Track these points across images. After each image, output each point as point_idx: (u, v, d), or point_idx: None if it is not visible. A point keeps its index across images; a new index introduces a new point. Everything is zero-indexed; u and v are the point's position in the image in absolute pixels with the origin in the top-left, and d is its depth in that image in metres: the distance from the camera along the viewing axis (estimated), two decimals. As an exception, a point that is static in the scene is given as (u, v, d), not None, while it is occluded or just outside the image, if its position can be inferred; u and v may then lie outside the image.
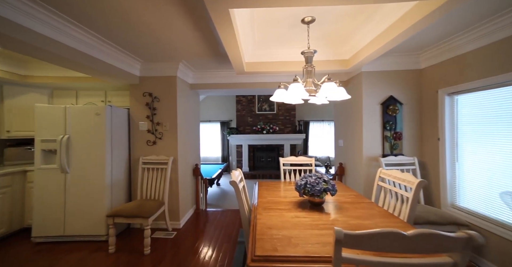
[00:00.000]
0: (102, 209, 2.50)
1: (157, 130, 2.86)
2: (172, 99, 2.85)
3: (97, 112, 2.49)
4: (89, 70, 2.33)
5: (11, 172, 2.62)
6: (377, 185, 1.88)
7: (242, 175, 2.10)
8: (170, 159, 2.77)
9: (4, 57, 2.59)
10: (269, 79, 3.21)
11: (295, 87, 1.62)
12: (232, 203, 4.30)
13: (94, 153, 2.50)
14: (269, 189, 2.27)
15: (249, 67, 2.51)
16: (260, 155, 7.06)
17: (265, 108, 6.97)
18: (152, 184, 2.74)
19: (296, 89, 1.62)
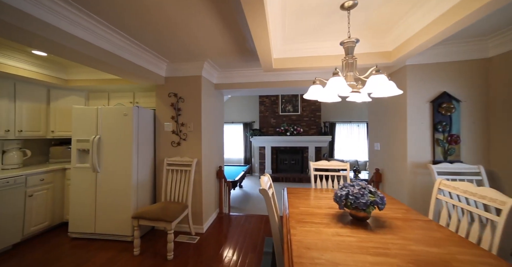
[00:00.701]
0: (128, 209, 2.46)
1: (181, 131, 2.78)
2: (196, 99, 2.75)
3: (125, 113, 2.48)
4: (119, 71, 2.31)
5: (53, 170, 2.74)
6: (435, 199, 1.54)
7: (271, 181, 1.89)
8: (194, 161, 2.66)
9: (50, 63, 2.72)
10: (297, 77, 2.97)
11: (336, 81, 1.37)
12: (255, 207, 4.10)
13: (122, 153, 2.48)
14: (300, 197, 2.03)
15: (277, 64, 2.30)
16: (283, 157, 6.79)
17: (288, 109, 6.70)
18: (176, 186, 2.65)
19: (337, 84, 1.36)
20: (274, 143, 6.64)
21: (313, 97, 1.75)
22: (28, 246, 2.45)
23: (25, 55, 2.51)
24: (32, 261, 2.16)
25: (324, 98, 1.76)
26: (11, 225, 2.35)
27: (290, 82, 3.01)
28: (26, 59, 2.54)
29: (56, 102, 3.05)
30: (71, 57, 1.93)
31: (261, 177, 1.74)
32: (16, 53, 2.44)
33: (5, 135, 2.59)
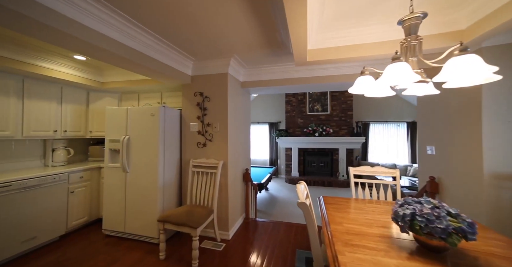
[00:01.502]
0: (154, 211, 2.38)
1: (207, 131, 2.63)
2: (222, 98, 2.58)
3: (152, 113, 2.40)
4: (147, 71, 2.23)
5: (90, 168, 2.81)
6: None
7: (307, 189, 1.60)
8: (220, 163, 2.48)
9: (88, 67, 2.80)
10: (331, 71, 2.61)
11: (399, 68, 1.03)
12: (281, 211, 3.81)
13: (149, 153, 2.41)
14: (340, 208, 1.69)
15: (312, 56, 1.99)
16: (311, 159, 6.36)
17: (317, 108, 6.25)
18: (202, 189, 2.50)
19: (400, 72, 1.02)
20: (301, 144, 6.25)
21: (360, 90, 1.42)
22: (71, 239, 2.54)
23: (68, 60, 2.60)
24: (72, 255, 2.22)
25: (373, 92, 1.42)
26: (59, 218, 2.47)
27: (323, 78, 2.66)
28: (69, 64, 2.63)
29: (94, 104, 3.15)
30: (102, 58, 1.88)
31: (297, 185, 1.46)
32: (61, 59, 2.53)
33: (54, 134, 2.73)
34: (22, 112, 2.46)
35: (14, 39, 2.14)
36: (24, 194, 2.18)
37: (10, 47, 2.16)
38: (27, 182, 2.21)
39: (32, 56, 2.33)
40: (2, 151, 2.52)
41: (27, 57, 2.30)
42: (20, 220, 2.15)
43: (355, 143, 5.78)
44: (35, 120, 2.56)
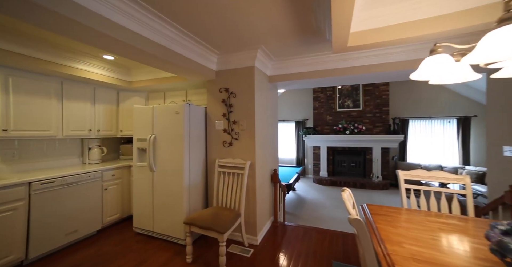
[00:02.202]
0: (181, 212, 2.28)
1: (233, 130, 2.45)
2: (249, 93, 2.36)
3: (176, 111, 2.30)
4: (171, 66, 2.12)
5: (121, 166, 2.84)
6: None
7: (353, 198, 1.30)
8: (247, 164, 2.28)
9: (117, 67, 2.83)
10: (373, 60, 2.23)
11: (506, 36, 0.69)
12: (310, 214, 3.50)
13: (174, 152, 2.32)
14: (392, 221, 1.36)
15: (355, 40, 1.66)
16: (341, 158, 5.87)
17: (347, 104, 5.72)
18: (228, 190, 2.34)
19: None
20: (331, 143, 5.79)
21: (427, 74, 1.08)
22: (106, 234, 2.60)
23: (99, 61, 2.64)
24: (107, 250, 2.25)
25: (446, 76, 1.06)
26: (95, 214, 2.54)
27: (363, 68, 2.29)
28: (100, 64, 2.67)
29: (123, 104, 3.20)
30: (128, 54, 1.79)
31: (342, 193, 1.18)
32: (92, 59, 2.57)
33: (89, 134, 2.81)
34: (62, 113, 2.55)
35: (53, 42, 2.19)
36: (65, 190, 2.26)
37: (49, 50, 2.23)
38: (67, 179, 2.28)
39: (68, 58, 2.38)
40: (48, 149, 2.66)
41: (64, 60, 2.36)
42: (64, 214, 2.24)
43: (392, 142, 5.15)
44: (73, 120, 2.65)
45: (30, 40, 2.08)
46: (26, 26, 1.90)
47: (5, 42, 1.96)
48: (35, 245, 2.03)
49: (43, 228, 2.09)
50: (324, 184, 5.59)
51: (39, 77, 2.37)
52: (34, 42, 2.11)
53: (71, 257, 2.13)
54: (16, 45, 2.02)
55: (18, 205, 1.95)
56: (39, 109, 2.36)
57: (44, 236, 2.10)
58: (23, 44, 2.06)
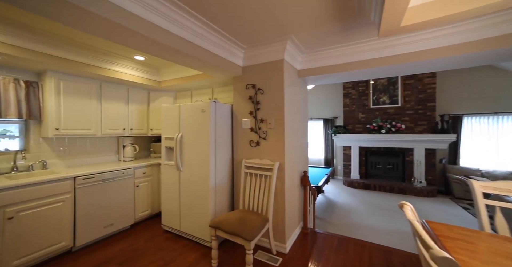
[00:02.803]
0: (206, 213, 2.18)
1: (260, 128, 2.26)
2: (278, 90, 2.15)
3: (202, 109, 2.20)
4: (196, 62, 2.01)
5: (151, 164, 2.88)
6: None
7: (415, 212, 1.01)
8: (275, 165, 2.08)
9: (147, 67, 2.87)
10: (426, 44, 1.84)
11: None
12: (343, 220, 3.15)
13: (200, 152, 2.23)
14: (475, 251, 1.03)
15: (411, 17, 1.33)
16: (375, 159, 5.30)
17: (383, 100, 5.13)
18: (255, 193, 2.17)
19: None
20: (363, 143, 5.27)
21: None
22: (138, 229, 2.65)
23: (131, 62, 2.68)
24: (139, 246, 2.28)
25: None
26: (128, 209, 2.60)
27: (408, 56, 1.91)
28: (132, 65, 2.72)
29: (153, 103, 3.24)
30: (149, 48, 1.67)
31: (404, 210, 0.91)
32: (125, 61, 2.62)
33: (123, 132, 2.90)
34: (100, 113, 2.66)
35: (93, 47, 2.26)
36: (102, 186, 2.34)
37: (91, 55, 2.32)
38: (104, 175, 2.36)
39: (105, 61, 2.45)
40: (90, 147, 2.81)
41: (102, 62, 2.43)
42: (101, 208, 2.33)
43: (440, 142, 4.44)
44: (109, 119, 2.75)
45: (75, 46, 2.19)
46: (71, 32, 1.97)
47: (59, 49, 2.10)
48: (80, 234, 2.16)
49: (86, 219, 2.21)
50: (356, 187, 5.11)
51: (83, 80, 2.49)
52: (78, 48, 2.22)
53: (109, 249, 2.21)
54: (66, 52, 2.16)
55: (66, 197, 2.07)
56: (82, 110, 2.48)
57: (87, 227, 2.21)
58: (70, 50, 2.18)
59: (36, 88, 2.30)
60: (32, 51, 1.95)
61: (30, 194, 1.85)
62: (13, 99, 2.16)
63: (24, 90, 2.23)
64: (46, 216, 1.95)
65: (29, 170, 2.28)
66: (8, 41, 1.82)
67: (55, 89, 2.29)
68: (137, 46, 1.62)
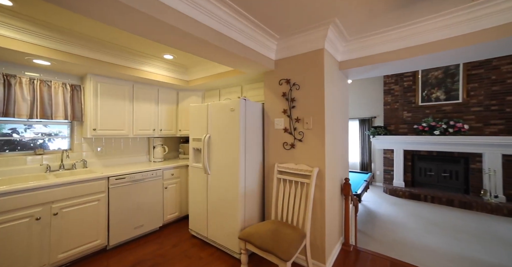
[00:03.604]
0: (235, 222, 1.99)
1: (296, 129, 1.99)
2: (317, 84, 1.86)
3: (231, 107, 2.01)
4: (223, 55, 1.82)
5: (179, 166, 2.82)
6: None
7: None
8: (314, 171, 1.78)
9: (176, 66, 2.82)
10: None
11: None
12: (388, 235, 2.66)
13: (229, 154, 2.04)
14: None
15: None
16: (425, 165, 4.55)
17: (436, 96, 4.37)
18: (290, 201, 1.89)
19: None
20: (409, 145, 4.56)
21: None
22: (166, 232, 2.59)
23: (161, 62, 2.66)
24: (166, 250, 2.21)
25: None
26: (157, 211, 2.57)
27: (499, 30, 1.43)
28: (162, 65, 2.69)
29: (182, 103, 3.20)
30: (176, 42, 1.53)
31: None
32: (155, 61, 2.60)
33: (153, 133, 2.91)
34: (132, 114, 2.68)
35: (125, 47, 2.27)
36: (133, 186, 2.34)
37: (123, 56, 2.33)
38: (135, 176, 2.35)
39: (137, 61, 2.46)
40: (124, 147, 2.88)
41: (134, 63, 2.44)
42: (132, 208, 2.33)
43: (519, 146, 3.54)
44: (140, 120, 2.76)
45: (111, 48, 2.22)
46: (107, 34, 1.98)
47: (97, 52, 2.15)
48: (113, 234, 2.18)
49: (118, 219, 2.22)
50: (400, 196, 4.44)
51: (117, 82, 2.54)
52: (113, 50, 2.24)
53: (139, 251, 2.18)
54: (104, 54, 2.20)
55: (101, 197, 2.10)
56: (116, 111, 2.53)
57: (119, 227, 2.22)
58: (107, 53, 2.22)
59: (79, 91, 2.40)
60: (75, 55, 2.02)
61: (71, 192, 1.91)
62: (61, 102, 2.28)
63: (70, 93, 2.33)
64: (84, 213, 1.99)
65: (72, 168, 2.38)
66: (55, 47, 1.90)
67: (94, 91, 2.35)
68: (163, 39, 1.49)
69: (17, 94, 2.02)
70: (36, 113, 2.11)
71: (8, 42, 1.68)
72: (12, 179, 1.97)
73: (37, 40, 1.80)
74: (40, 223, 1.75)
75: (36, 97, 2.12)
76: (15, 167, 2.07)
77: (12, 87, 2.00)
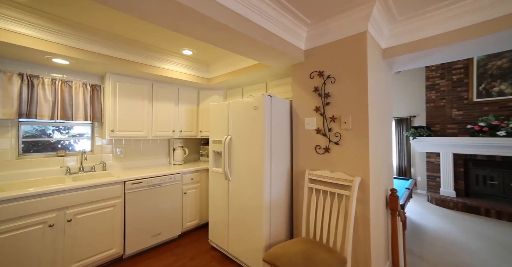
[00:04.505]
0: (259, 237, 1.74)
1: (331, 129, 1.68)
2: (358, 75, 1.54)
3: (255, 105, 1.78)
4: (246, 44, 1.60)
5: (199, 170, 2.67)
6: None
7: None
8: (355, 181, 1.46)
9: (195, 63, 2.69)
10: None
11: None
12: (445, 257, 2.16)
13: (253, 158, 1.81)
14: None
15: None
16: (484, 172, 3.85)
17: (499, 90, 3.65)
18: (324, 217, 1.59)
19: None
20: (460, 148, 3.89)
21: None
22: (185, 241, 2.45)
23: (180, 58, 2.54)
24: (183, 263, 2.04)
25: None
26: (176, 218, 2.43)
27: None
28: (181, 62, 2.58)
29: (202, 103, 3.07)
30: (187, 25, 1.36)
31: None
32: (175, 57, 2.49)
33: (172, 134, 2.81)
34: (151, 114, 2.60)
35: (142, 43, 2.18)
36: (150, 191, 2.23)
37: (142, 53, 2.25)
38: (152, 180, 2.24)
39: (156, 58, 2.36)
40: (144, 149, 2.82)
41: (153, 60, 2.35)
42: (149, 215, 2.21)
43: None
44: (159, 121, 2.67)
45: (129, 44, 2.14)
46: (124, 29, 1.90)
47: (115, 49, 2.08)
48: (130, 242, 2.08)
49: (135, 227, 2.11)
50: (450, 207, 3.79)
51: (136, 81, 2.48)
52: (132, 46, 2.17)
53: (156, 262, 2.05)
54: (122, 52, 2.13)
55: (117, 202, 2.01)
56: (134, 111, 2.46)
57: (136, 234, 2.12)
58: (125, 50, 2.15)
59: (99, 91, 2.38)
60: (93, 53, 1.97)
61: (85, 196, 1.83)
62: (81, 102, 2.26)
63: (90, 93, 2.32)
64: (99, 220, 1.90)
65: (91, 170, 2.35)
66: (73, 44, 1.86)
67: (112, 91, 2.31)
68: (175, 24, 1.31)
69: (40, 95, 2.03)
70: (57, 114, 2.11)
71: (28, 41, 1.66)
72: (29, 182, 1.97)
73: (55, 38, 1.77)
74: (54, 230, 1.67)
75: (57, 98, 2.12)
76: (37, 169, 2.08)
77: (35, 88, 2.01)
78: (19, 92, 1.95)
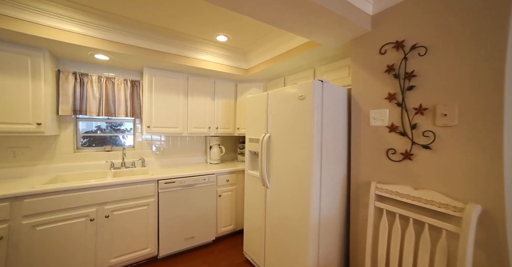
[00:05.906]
0: (302, 261, 1.35)
1: (416, 126, 1.14)
2: (482, 34, 0.95)
3: (300, 94, 1.37)
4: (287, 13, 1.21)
5: (235, 171, 2.43)
6: None
7: None
8: (472, 210, 0.91)
9: (231, 52, 2.42)
10: None
11: None
12: None
13: (297, 162, 1.42)
14: None
15: None
16: None
17: None
18: (405, 255, 1.08)
19: None
20: None
21: None
22: (218, 248, 2.26)
23: (215, 47, 2.31)
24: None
25: None
26: (210, 222, 2.27)
27: None
28: (216, 51, 2.34)
29: (240, 97, 2.81)
30: None
31: None
32: (208, 46, 2.27)
33: (208, 131, 2.64)
34: (187, 110, 2.48)
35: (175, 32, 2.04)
36: (183, 192, 2.12)
37: (175, 42, 2.11)
38: (185, 180, 2.11)
39: (189, 48, 2.19)
40: (181, 146, 2.76)
41: (186, 50, 2.19)
42: (183, 216, 2.10)
43: None
44: (195, 117, 2.54)
45: (158, 33, 2.01)
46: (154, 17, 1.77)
47: (149, 41, 1.98)
48: (163, 243, 2.01)
49: (168, 228, 2.02)
50: None
51: (171, 75, 2.38)
52: (161, 35, 2.03)
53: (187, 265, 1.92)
54: (155, 42, 2.03)
55: (150, 201, 1.95)
56: (170, 107, 2.37)
57: (169, 236, 2.03)
58: (156, 39, 2.02)
59: (138, 87, 2.38)
60: (129, 46, 1.91)
61: (121, 193, 1.81)
62: (123, 98, 2.29)
63: (130, 89, 2.33)
64: (134, 218, 1.86)
65: (132, 166, 2.38)
66: (111, 38, 1.82)
67: (149, 86, 2.25)
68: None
69: (89, 92, 2.12)
70: (101, 110, 2.17)
71: (74, 37, 1.67)
72: (80, 174, 2.07)
73: (95, 32, 1.75)
74: (95, 224, 1.69)
75: (102, 95, 2.18)
76: (89, 162, 2.19)
77: (85, 85, 2.10)
78: (73, 90, 2.07)
